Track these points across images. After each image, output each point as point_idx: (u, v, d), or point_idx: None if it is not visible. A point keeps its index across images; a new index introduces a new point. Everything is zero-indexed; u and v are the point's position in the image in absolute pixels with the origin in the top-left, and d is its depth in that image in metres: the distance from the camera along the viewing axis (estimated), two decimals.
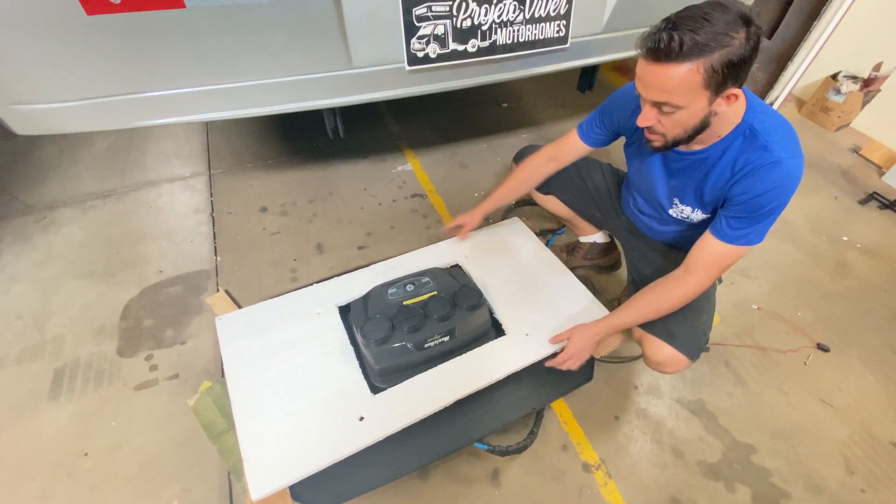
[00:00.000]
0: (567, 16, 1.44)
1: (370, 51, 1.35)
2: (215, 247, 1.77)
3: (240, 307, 1.48)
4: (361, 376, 1.11)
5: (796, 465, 1.27)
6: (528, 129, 2.53)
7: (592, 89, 2.12)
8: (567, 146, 1.29)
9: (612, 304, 1.54)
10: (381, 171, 2.19)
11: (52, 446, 1.22)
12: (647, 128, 0.94)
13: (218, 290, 1.60)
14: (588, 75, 2.06)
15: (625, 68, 3.13)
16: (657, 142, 0.95)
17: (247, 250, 1.77)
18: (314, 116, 1.69)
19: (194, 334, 1.48)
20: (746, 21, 0.77)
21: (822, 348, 1.55)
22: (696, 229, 1.15)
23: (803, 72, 2.77)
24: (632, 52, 1.74)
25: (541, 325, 1.22)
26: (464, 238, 1.45)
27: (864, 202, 2.20)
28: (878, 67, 2.43)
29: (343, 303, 1.29)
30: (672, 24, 0.78)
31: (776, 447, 1.30)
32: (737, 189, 0.94)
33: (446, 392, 1.09)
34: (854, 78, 2.54)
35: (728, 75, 0.79)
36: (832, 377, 1.48)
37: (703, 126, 0.89)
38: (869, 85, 2.49)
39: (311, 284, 1.36)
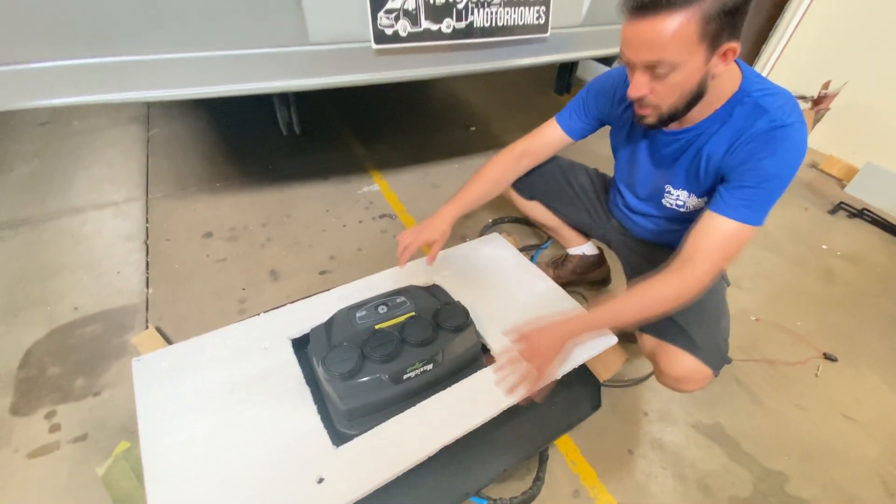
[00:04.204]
0: (547, 1, 1.36)
1: (330, 24, 1.17)
2: (147, 278, 1.51)
3: None
4: (321, 425, 0.87)
5: (834, 492, 1.11)
6: (497, 151, 2.43)
7: (570, 91, 2.07)
8: (543, 138, 1.17)
9: None
10: (344, 192, 2.01)
11: None
12: (639, 101, 0.83)
13: (147, 328, 1.32)
14: (566, 75, 2.01)
15: None
16: (650, 117, 0.85)
17: (186, 280, 1.51)
18: (270, 130, 1.50)
19: (112, 383, 1.19)
20: None
21: (830, 358, 1.45)
22: (691, 223, 1.04)
23: None
24: (611, 50, 1.72)
25: None
26: (432, 261, 1.12)
27: (833, 212, 2.21)
28: (826, 86, 2.54)
29: (297, 335, 1.06)
30: None
31: (808, 472, 1.14)
32: (737, 157, 0.84)
33: (428, 438, 0.86)
34: (804, 97, 2.64)
35: (724, 24, 0.71)
36: (847, 388, 1.36)
37: (699, 92, 0.80)
38: (819, 103, 2.59)
39: (259, 315, 1.10)
